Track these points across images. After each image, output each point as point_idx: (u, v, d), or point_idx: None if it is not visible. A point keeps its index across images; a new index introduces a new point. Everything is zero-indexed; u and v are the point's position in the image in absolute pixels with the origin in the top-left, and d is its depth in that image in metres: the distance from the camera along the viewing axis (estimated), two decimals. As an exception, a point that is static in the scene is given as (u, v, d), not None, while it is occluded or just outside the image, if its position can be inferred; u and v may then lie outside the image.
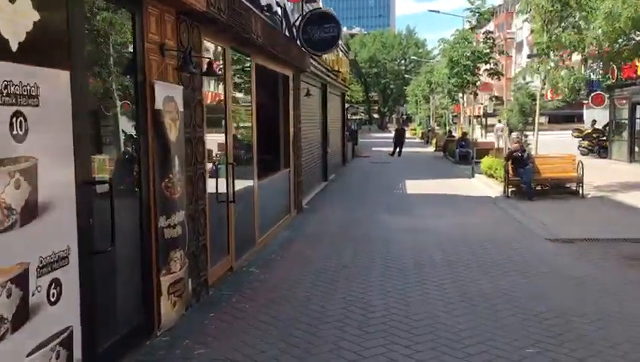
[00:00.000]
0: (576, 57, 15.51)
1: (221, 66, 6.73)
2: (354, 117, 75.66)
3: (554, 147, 19.91)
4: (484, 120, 48.52)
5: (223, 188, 6.60)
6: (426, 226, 10.07)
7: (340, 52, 19.54)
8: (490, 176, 16.50)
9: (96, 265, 3.74)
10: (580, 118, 53.52)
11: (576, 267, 7.18)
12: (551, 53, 13.65)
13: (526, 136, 15.25)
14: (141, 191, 4.51)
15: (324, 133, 17.18)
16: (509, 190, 13.70)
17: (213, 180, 6.36)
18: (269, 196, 9.35)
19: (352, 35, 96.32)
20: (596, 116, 44.28)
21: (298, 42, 11.39)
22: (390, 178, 18.55)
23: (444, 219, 10.74)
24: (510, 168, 13.58)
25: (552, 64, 13.61)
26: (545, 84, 14.46)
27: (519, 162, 13.65)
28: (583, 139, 26.95)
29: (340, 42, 13.58)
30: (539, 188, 13.79)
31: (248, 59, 7.93)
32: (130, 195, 4.57)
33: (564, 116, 54.01)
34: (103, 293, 3.95)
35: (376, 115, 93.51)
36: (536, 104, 16.03)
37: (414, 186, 16.28)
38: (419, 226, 10.08)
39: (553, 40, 13.62)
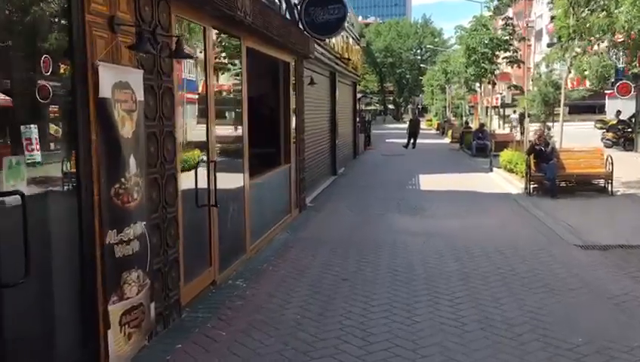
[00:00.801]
0: (600, 45, 14.36)
1: (202, 48, 5.82)
2: (368, 107, 74.65)
3: (575, 139, 18.73)
4: (501, 110, 47.20)
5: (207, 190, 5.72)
6: (440, 228, 9.11)
7: (351, 38, 18.51)
8: (510, 170, 15.45)
9: (5, 301, 2.87)
10: (601, 109, 51.85)
11: (613, 281, 6.19)
12: (576, 38, 12.52)
13: (549, 128, 14.20)
14: (80, 200, 3.62)
15: (333, 125, 16.23)
16: (531, 186, 12.66)
17: (192, 181, 5.48)
18: (264, 196, 8.45)
19: (367, 25, 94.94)
20: (619, 107, 42.76)
21: (300, 25, 10.42)
22: (403, 172, 17.56)
23: (460, 220, 9.77)
24: (532, 163, 12.54)
25: (579, 50, 12.48)
26: (570, 71, 13.34)
27: (542, 156, 12.61)
28: (607, 131, 25.62)
29: (346, 25, 12.57)
30: (563, 184, 12.74)
31: (237, 42, 7.00)
32: (64, 207, 3.68)
33: (585, 106, 52.20)
34: (22, 335, 3.09)
35: (391, 106, 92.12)
36: (559, 93, 14.92)
37: (428, 181, 15.29)
38: (432, 228, 9.12)
39: (580, 23, 12.51)
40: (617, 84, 23.77)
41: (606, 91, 45.66)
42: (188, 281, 5.31)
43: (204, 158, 5.84)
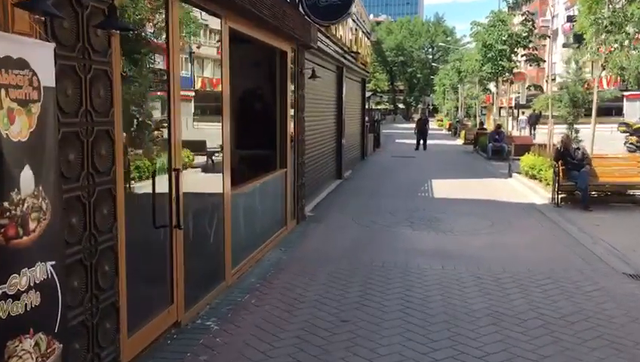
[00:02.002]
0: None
1: (162, 24, 4.52)
2: (378, 106, 73.23)
3: (588, 142, 17.17)
4: (515, 111, 45.65)
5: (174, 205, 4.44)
6: (458, 248, 7.78)
7: (360, 31, 17.18)
8: (532, 177, 14.06)
9: None
10: (618, 111, 50.19)
11: (687, 329, 4.84)
12: (614, 31, 11.09)
13: (577, 131, 12.82)
14: None
15: (339, 124, 14.91)
16: (559, 197, 11.27)
17: (148, 195, 4.21)
18: (252, 207, 7.17)
19: (379, 23, 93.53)
20: (638, 109, 41.11)
21: (300, 9, 9.10)
22: (414, 176, 16.20)
23: (481, 237, 8.43)
24: (561, 170, 11.16)
25: (617, 45, 11.06)
26: (604, 68, 11.93)
27: (572, 163, 11.23)
28: (632, 135, 24.18)
29: (354, 14, 11.26)
30: (594, 193, 11.36)
31: (217, 21, 5.69)
32: None
33: (602, 109, 50.55)
34: None
35: (401, 105, 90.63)
36: (590, 93, 13.51)
37: (442, 188, 13.93)
38: (449, 247, 7.79)
39: (617, 14, 11.11)
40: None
41: (624, 93, 44.01)
42: (135, 330, 4.02)
43: (166, 166, 4.55)
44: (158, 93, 4.68)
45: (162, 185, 4.46)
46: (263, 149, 8.93)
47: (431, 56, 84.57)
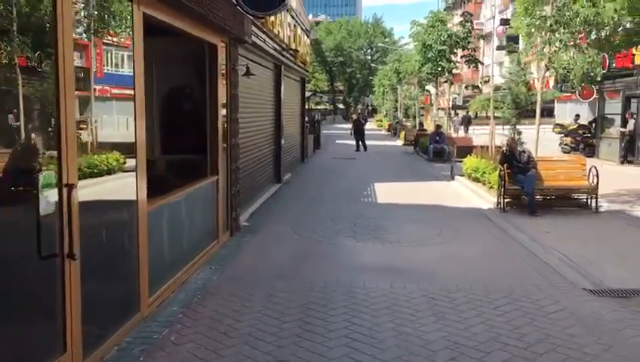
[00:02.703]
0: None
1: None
2: (318, 106, 72.78)
3: (529, 144, 17.06)
4: (452, 112, 46.21)
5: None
6: (407, 261, 7.15)
7: (299, 28, 16.44)
8: (476, 180, 13.73)
9: None
10: (549, 113, 51.66)
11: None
12: (559, 31, 10.81)
13: (519, 132, 12.56)
14: None
15: (277, 125, 14.10)
16: (505, 201, 10.89)
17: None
18: (176, 221, 6.28)
19: (317, 23, 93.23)
20: (568, 110, 42.26)
21: (232, -2, 8.25)
22: (356, 179, 15.60)
23: (430, 248, 7.85)
24: (506, 174, 10.79)
25: (558, 44, 10.78)
26: (548, 69, 11.66)
27: (517, 166, 10.88)
28: (566, 136, 24.46)
29: (292, 3, 10.51)
30: (539, 198, 11.03)
31: (127, 4, 4.78)
32: None
33: (532, 110, 51.88)
34: None
35: (341, 105, 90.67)
36: (533, 94, 13.29)
37: (386, 191, 13.38)
38: (396, 261, 7.15)
39: (560, 14, 10.84)
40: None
41: (556, 95, 45.31)
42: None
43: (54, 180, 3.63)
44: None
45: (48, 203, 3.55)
46: (193, 154, 8.06)
47: (370, 57, 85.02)
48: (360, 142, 26.14)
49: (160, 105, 8.53)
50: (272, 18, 11.26)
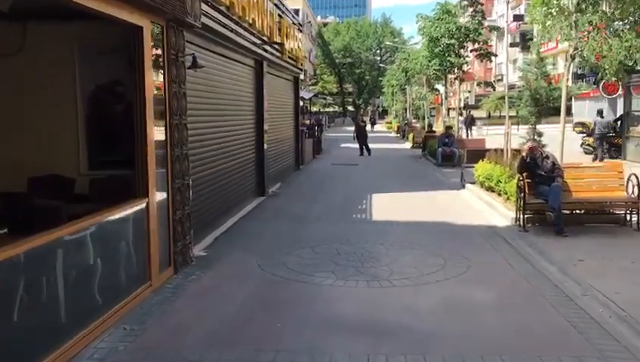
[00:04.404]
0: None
1: None
2: (326, 109, 70.93)
3: (551, 147, 15.06)
4: (464, 112, 44.23)
5: None
6: (396, 314, 5.28)
7: (286, 17, 14.60)
8: (489, 189, 11.81)
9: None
10: (567, 111, 49.38)
11: None
12: (587, 11, 8.88)
13: (540, 134, 10.64)
14: None
15: (259, 129, 12.27)
16: (524, 217, 8.99)
17: None
18: (70, 268, 4.46)
19: (326, 24, 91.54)
20: (587, 108, 39.95)
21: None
22: (352, 190, 13.73)
23: (429, 290, 5.97)
24: (526, 185, 8.89)
25: (591, 26, 8.85)
26: (574, 58, 9.71)
27: (540, 175, 8.98)
28: (588, 135, 22.35)
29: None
30: (565, 211, 9.09)
31: None
32: None
33: (552, 108, 49.62)
34: None
35: (350, 108, 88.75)
36: (552, 89, 11.33)
37: (383, 205, 11.50)
38: (382, 313, 5.29)
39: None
40: (602, 81, 20.65)
41: (577, 92, 43.11)
42: None
43: None
44: None
45: None
46: (123, 170, 6.30)
47: (379, 58, 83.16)
48: (364, 147, 24.32)
49: (86, 108, 6.77)
50: (243, 3, 9.46)
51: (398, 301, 5.62)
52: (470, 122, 35.65)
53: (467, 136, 30.52)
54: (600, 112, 20.19)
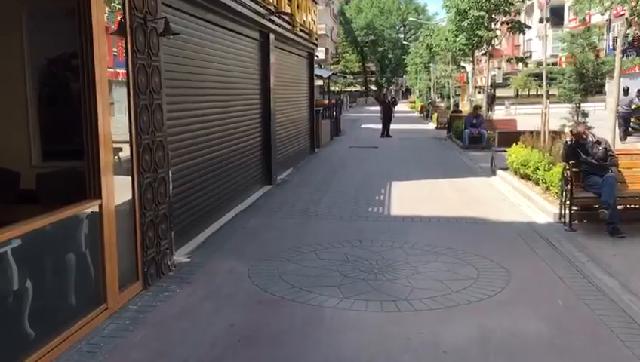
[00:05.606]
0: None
1: None
2: (348, 88, 69.25)
3: (597, 129, 13.49)
4: (490, 91, 42.26)
5: None
6: (418, 356, 4.00)
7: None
8: (525, 176, 10.40)
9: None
10: (599, 89, 46.93)
11: None
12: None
13: (585, 114, 9.16)
14: None
15: (266, 110, 10.99)
16: (571, 213, 7.60)
17: None
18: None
19: (348, 1, 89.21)
20: (621, 86, 37.66)
21: None
22: (370, 176, 12.41)
23: (459, 319, 4.65)
24: (572, 175, 7.50)
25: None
26: (630, 25, 8.21)
27: (589, 164, 7.57)
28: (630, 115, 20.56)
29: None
30: (619, 206, 7.69)
31: None
32: None
33: (594, 84, 47.05)
34: None
35: (373, 87, 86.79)
36: (600, 63, 9.80)
37: (403, 195, 10.17)
38: (399, 356, 4.01)
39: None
40: None
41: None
42: None
43: None
44: None
45: None
46: (81, 161, 5.09)
47: (402, 35, 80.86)
48: (385, 128, 23.01)
49: (38, 86, 5.58)
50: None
51: (418, 334, 4.33)
52: (492, 100, 33.85)
53: (487, 115, 28.86)
54: (626, 90, 18.27)
